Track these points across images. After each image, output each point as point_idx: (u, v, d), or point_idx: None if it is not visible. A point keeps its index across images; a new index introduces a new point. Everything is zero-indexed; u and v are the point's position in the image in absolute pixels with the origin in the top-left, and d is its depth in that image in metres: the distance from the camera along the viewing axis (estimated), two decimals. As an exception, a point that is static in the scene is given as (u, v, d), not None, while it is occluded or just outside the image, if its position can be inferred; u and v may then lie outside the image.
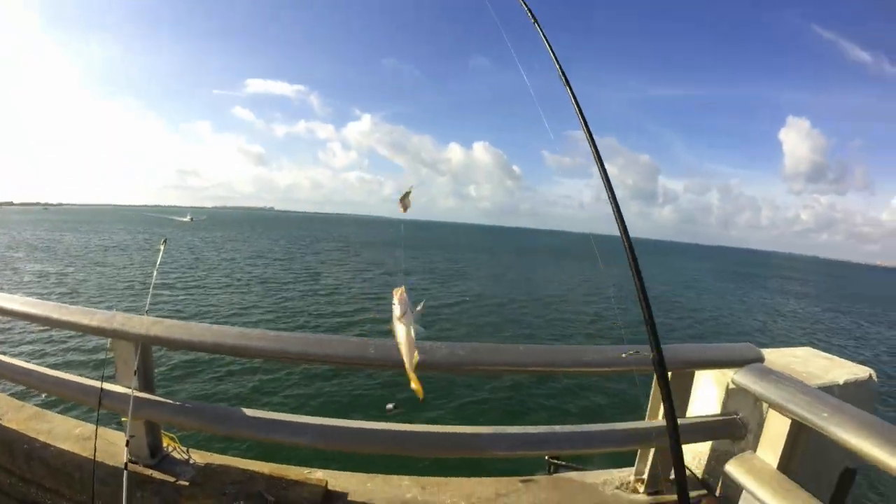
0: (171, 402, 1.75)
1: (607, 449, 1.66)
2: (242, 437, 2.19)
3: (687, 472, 1.89)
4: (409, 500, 1.81)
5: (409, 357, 0.84)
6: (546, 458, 2.06)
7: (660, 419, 1.74)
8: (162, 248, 1.87)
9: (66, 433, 2.08)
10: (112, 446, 1.91)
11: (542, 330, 18.35)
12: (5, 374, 2.06)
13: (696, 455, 1.88)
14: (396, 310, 0.82)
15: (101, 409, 1.67)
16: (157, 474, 1.83)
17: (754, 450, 1.58)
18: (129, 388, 1.64)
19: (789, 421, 1.43)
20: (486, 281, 32.33)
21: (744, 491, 1.46)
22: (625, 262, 1.20)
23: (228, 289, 22.46)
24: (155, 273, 1.92)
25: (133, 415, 1.63)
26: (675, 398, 1.67)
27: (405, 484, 1.92)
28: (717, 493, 1.74)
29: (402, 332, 0.84)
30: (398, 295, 0.84)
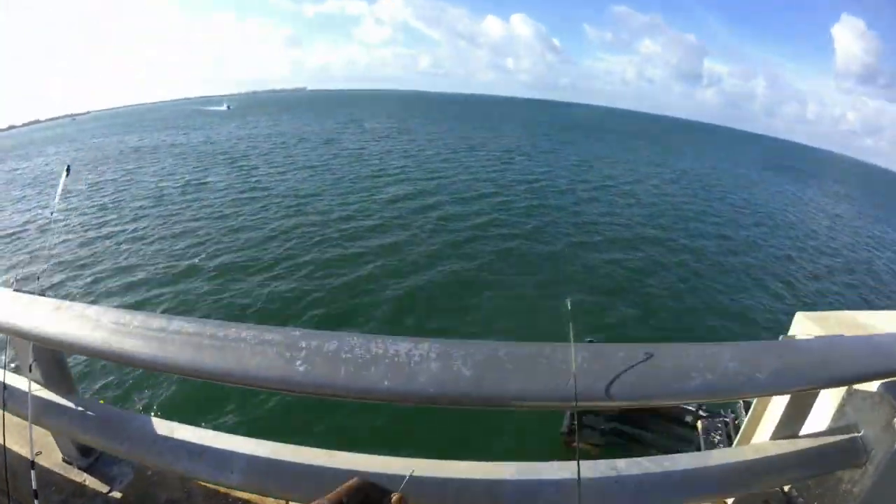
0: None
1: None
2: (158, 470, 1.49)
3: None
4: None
5: None
6: None
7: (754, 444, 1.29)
8: (63, 177, 1.30)
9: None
10: (46, 436, 1.62)
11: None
12: None
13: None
14: None
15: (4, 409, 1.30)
16: (89, 480, 1.50)
17: (871, 485, 1.15)
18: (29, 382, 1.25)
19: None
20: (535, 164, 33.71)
21: None
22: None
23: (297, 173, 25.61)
24: (56, 203, 1.47)
25: (33, 421, 1.24)
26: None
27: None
28: None
29: None
30: None
